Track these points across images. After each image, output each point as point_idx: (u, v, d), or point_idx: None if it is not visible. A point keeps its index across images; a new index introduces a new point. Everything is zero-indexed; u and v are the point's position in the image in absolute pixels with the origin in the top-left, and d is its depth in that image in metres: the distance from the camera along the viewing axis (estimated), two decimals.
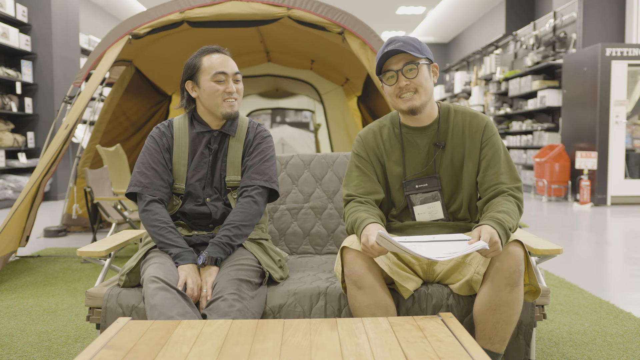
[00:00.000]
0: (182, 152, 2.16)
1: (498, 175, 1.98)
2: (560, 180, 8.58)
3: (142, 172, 2.11)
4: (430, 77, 2.00)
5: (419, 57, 1.94)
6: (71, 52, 9.44)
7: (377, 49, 4.23)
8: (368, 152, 2.10)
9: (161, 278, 1.84)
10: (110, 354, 1.35)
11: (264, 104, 9.76)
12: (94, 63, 4.47)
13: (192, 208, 2.14)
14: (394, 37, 1.98)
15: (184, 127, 2.19)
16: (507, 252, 1.79)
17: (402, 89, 1.96)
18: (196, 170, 2.15)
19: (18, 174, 8.62)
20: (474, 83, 13.98)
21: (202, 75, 2.11)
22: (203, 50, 2.16)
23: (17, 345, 2.60)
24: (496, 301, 1.79)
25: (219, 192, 2.16)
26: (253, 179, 2.14)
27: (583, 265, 4.34)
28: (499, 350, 1.85)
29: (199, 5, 4.34)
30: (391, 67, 1.96)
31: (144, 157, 2.14)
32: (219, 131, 2.17)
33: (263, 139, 2.22)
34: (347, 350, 1.35)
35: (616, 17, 9.07)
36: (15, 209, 4.00)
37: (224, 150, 2.18)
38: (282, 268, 2.19)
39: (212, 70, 2.09)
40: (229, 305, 1.81)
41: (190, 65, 2.14)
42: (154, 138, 2.17)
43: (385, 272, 1.89)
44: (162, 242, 2.02)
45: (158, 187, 2.10)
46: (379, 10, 14.40)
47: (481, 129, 2.03)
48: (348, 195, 2.07)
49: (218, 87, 2.09)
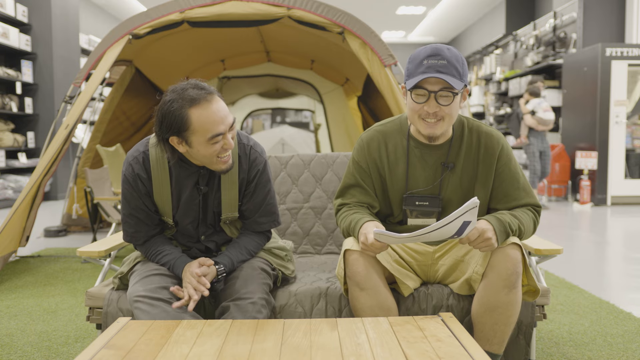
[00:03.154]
0: (165, 192, 1.92)
1: (518, 201, 1.92)
2: (561, 180, 8.58)
3: (125, 221, 1.97)
4: (460, 102, 1.84)
5: (458, 86, 1.76)
6: (71, 52, 9.43)
7: (377, 49, 4.21)
8: (369, 163, 1.98)
9: (142, 295, 1.79)
10: (111, 354, 1.35)
11: (264, 104, 9.77)
12: (94, 63, 4.47)
13: (186, 244, 2.04)
14: (438, 50, 1.76)
15: (163, 161, 1.90)
16: (504, 255, 1.78)
17: (430, 114, 1.80)
18: (186, 214, 1.95)
19: (18, 174, 8.62)
20: (474, 83, 13.98)
21: (193, 135, 1.76)
22: (185, 96, 1.75)
23: (17, 345, 2.60)
24: (494, 303, 1.79)
25: (213, 227, 2.02)
26: (261, 224, 2.03)
27: (583, 265, 4.34)
28: (497, 352, 1.85)
29: (199, 5, 4.34)
30: (426, 86, 1.76)
31: (124, 203, 1.96)
32: (207, 168, 1.91)
33: (260, 169, 1.99)
34: (347, 350, 1.35)
35: (616, 17, 9.06)
36: (15, 209, 4.00)
37: (215, 187, 1.95)
38: (290, 261, 2.17)
39: (207, 133, 1.75)
40: (257, 311, 1.81)
41: (176, 119, 1.75)
42: (129, 181, 1.91)
43: (387, 269, 1.88)
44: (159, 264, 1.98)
45: (145, 233, 1.97)
46: (379, 10, 14.40)
47: (496, 154, 1.91)
48: (340, 205, 2.02)
49: (214, 147, 1.79)
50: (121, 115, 6.26)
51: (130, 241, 2.01)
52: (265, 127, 18.44)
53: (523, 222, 1.86)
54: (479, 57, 14.54)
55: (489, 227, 1.75)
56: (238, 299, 1.82)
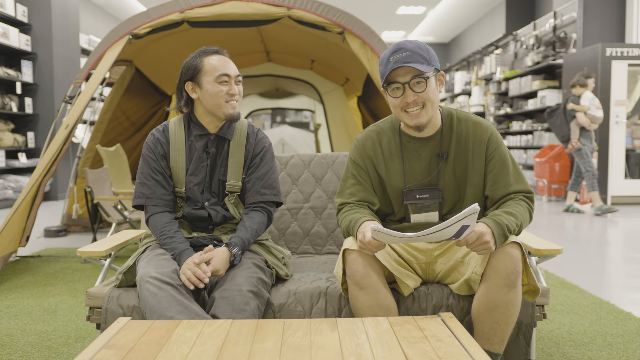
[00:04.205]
0: (180, 156, 2.13)
1: (508, 187, 1.94)
2: (561, 180, 8.58)
3: (143, 183, 2.12)
4: (437, 87, 1.90)
5: (427, 70, 1.83)
6: (71, 52, 9.44)
7: (377, 49, 4.21)
8: (365, 160, 2.03)
9: (153, 276, 1.84)
10: (111, 354, 1.35)
11: (264, 104, 9.76)
12: (94, 63, 4.47)
13: (191, 212, 2.13)
14: (400, 45, 1.85)
15: (180, 131, 2.15)
16: (504, 254, 1.78)
17: (409, 103, 1.87)
18: (194, 174, 2.13)
19: (18, 174, 8.62)
20: (474, 83, 13.98)
21: (204, 76, 2.08)
22: (202, 51, 2.13)
23: (17, 345, 2.60)
24: (494, 302, 1.79)
25: (217, 196, 2.15)
26: (264, 195, 2.16)
27: (583, 265, 4.34)
28: (497, 351, 1.85)
29: (199, 5, 4.34)
30: (397, 79, 1.85)
31: (142, 167, 2.13)
32: (216, 134, 2.15)
33: (266, 146, 2.21)
34: (347, 350, 1.35)
35: (616, 17, 9.07)
36: (15, 209, 4.00)
37: (223, 154, 2.15)
38: (286, 265, 2.21)
39: (215, 72, 2.07)
40: (245, 303, 1.82)
41: (191, 66, 2.10)
42: (149, 146, 2.14)
43: (387, 269, 1.89)
44: (165, 248, 2.06)
45: (160, 196, 2.10)
46: (379, 10, 14.40)
47: (485, 141, 1.96)
48: (341, 204, 2.03)
49: (221, 88, 2.07)
50: (121, 115, 6.26)
51: (144, 202, 2.11)
52: (265, 127, 18.45)
53: (520, 218, 1.86)
54: (479, 57, 14.55)
55: (487, 230, 1.75)
56: (225, 291, 1.85)
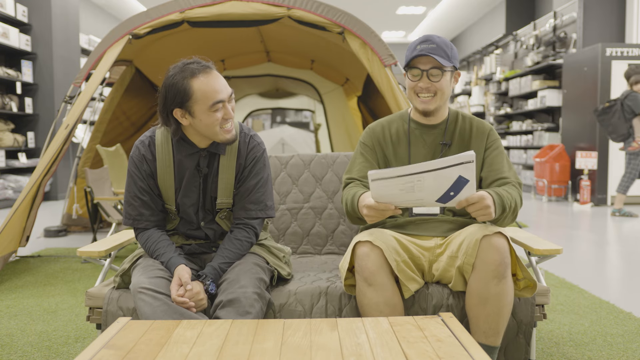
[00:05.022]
0: (168, 174, 2.00)
1: (502, 171, 2.08)
2: (561, 180, 8.58)
3: (129, 203, 2.01)
4: (451, 82, 2.10)
5: (446, 65, 2.01)
6: (71, 52, 9.43)
7: (377, 49, 4.23)
8: (374, 142, 2.19)
9: (146, 287, 1.81)
10: (111, 354, 1.35)
11: (264, 104, 9.77)
12: (94, 63, 4.47)
13: (186, 232, 2.07)
14: (429, 37, 2.05)
15: (167, 146, 1.99)
16: (490, 245, 1.81)
17: (423, 89, 2.05)
18: (187, 195, 2.01)
19: (18, 174, 8.62)
20: (474, 83, 13.98)
21: (195, 104, 1.86)
22: (186, 69, 1.87)
23: (17, 345, 2.60)
24: (485, 294, 1.82)
25: (212, 213, 2.06)
26: (249, 211, 2.03)
27: (583, 265, 4.34)
28: (494, 344, 1.86)
29: (199, 5, 4.34)
30: (419, 65, 2.04)
31: (129, 184, 2.01)
32: (207, 150, 2.00)
33: (257, 156, 2.06)
34: (347, 350, 1.35)
35: (616, 17, 9.06)
36: (15, 209, 4.00)
37: (214, 170, 2.02)
38: (287, 264, 2.19)
39: (209, 100, 1.85)
40: (250, 305, 1.81)
41: (179, 91, 1.85)
42: (135, 162, 2.00)
43: (392, 267, 1.89)
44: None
45: (147, 218, 2.01)
46: (379, 10, 14.40)
47: (486, 133, 2.15)
48: (348, 179, 2.15)
49: (217, 115, 1.88)
50: (121, 115, 6.26)
51: (131, 224, 2.04)
52: (265, 127, 18.45)
53: (514, 198, 1.97)
54: (479, 57, 14.54)
55: (488, 195, 1.82)
56: (230, 294, 1.83)
